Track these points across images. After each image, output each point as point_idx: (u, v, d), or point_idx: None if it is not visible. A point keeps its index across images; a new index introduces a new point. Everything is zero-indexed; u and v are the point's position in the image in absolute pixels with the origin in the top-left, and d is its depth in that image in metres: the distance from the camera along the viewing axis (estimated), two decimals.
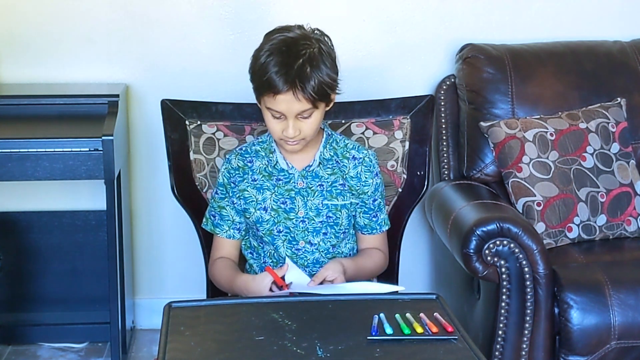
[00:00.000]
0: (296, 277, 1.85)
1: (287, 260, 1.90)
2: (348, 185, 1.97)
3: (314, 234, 1.95)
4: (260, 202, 1.94)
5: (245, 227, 2.00)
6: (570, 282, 2.24)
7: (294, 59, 1.83)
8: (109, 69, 2.86)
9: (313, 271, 1.95)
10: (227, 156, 2.03)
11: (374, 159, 2.03)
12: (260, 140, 2.02)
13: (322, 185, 1.95)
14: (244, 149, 2.02)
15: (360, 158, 2.00)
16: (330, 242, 1.96)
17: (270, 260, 1.96)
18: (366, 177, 1.99)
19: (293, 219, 1.94)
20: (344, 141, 2.03)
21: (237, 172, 1.98)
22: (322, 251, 1.96)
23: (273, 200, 1.94)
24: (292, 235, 1.94)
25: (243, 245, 2.03)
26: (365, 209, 1.99)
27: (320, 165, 1.96)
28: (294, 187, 1.94)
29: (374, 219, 2.00)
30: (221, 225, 1.98)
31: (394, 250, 2.14)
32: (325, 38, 1.91)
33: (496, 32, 2.89)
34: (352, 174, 1.98)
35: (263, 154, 1.98)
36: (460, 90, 2.75)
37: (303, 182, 1.95)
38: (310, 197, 1.94)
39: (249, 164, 1.98)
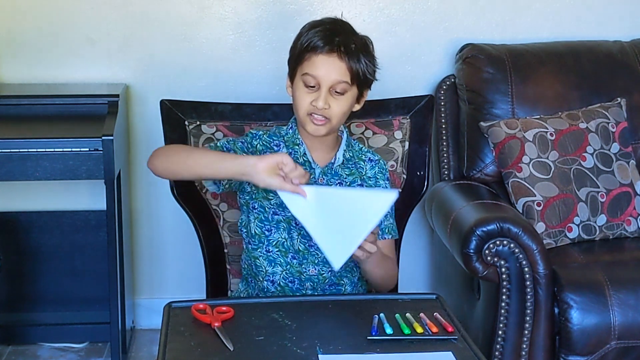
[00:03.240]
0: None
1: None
2: (366, 186, 1.97)
3: None
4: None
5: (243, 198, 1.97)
6: (570, 282, 2.24)
7: (340, 30, 1.87)
8: (109, 69, 2.87)
9: (322, 271, 1.94)
10: (253, 131, 1.99)
11: (386, 164, 2.04)
12: (285, 133, 1.98)
13: (342, 183, 1.95)
14: (269, 132, 1.99)
15: (376, 160, 2.01)
16: None
17: (277, 250, 1.95)
18: (379, 179, 1.99)
19: None
20: (358, 145, 2.04)
21: (268, 148, 1.95)
22: None
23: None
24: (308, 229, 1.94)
25: (244, 233, 2.01)
26: None
27: (342, 165, 1.96)
28: (315, 183, 1.94)
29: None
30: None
31: None
32: (370, 40, 1.94)
33: (496, 32, 2.90)
34: (370, 175, 1.98)
35: (287, 145, 1.96)
36: (460, 90, 2.75)
37: (324, 178, 1.94)
38: None
39: (276, 148, 1.96)
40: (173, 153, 1.90)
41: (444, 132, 2.76)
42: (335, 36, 1.85)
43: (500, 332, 2.28)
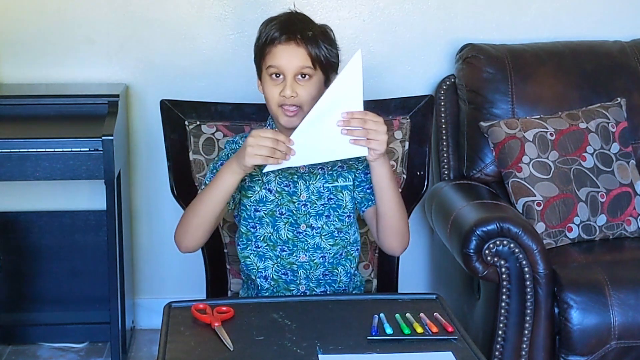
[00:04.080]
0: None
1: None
2: (347, 166, 1.97)
3: (317, 217, 1.94)
4: (265, 183, 1.94)
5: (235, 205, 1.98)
6: (570, 282, 2.25)
7: (295, 20, 1.92)
8: (108, 69, 2.87)
9: (313, 257, 1.95)
10: (230, 139, 2.03)
11: None
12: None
13: (324, 168, 1.95)
14: (244, 135, 2.03)
15: None
16: (334, 225, 1.95)
17: (265, 244, 1.96)
18: (361, 160, 1.97)
19: (295, 202, 1.94)
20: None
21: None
22: (324, 235, 1.95)
23: (277, 183, 1.94)
24: (295, 218, 1.94)
25: (236, 238, 2.01)
26: (358, 182, 1.98)
27: None
28: (296, 172, 1.94)
29: (368, 190, 1.98)
30: None
31: None
32: (330, 29, 1.97)
33: (496, 32, 2.89)
34: (352, 159, 1.97)
35: None
36: (460, 90, 2.75)
37: (305, 166, 1.95)
38: (312, 181, 1.94)
39: None
40: (184, 220, 1.92)
41: (444, 132, 2.76)
42: (291, 26, 1.89)
43: (500, 332, 2.28)
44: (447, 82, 2.80)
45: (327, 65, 1.91)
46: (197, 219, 1.89)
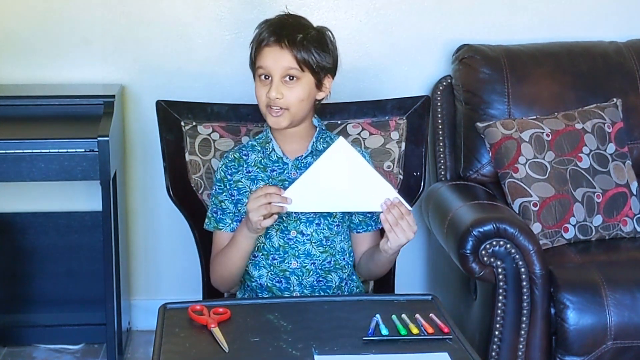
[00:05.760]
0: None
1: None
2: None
3: (307, 224, 1.94)
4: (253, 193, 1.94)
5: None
6: (566, 282, 2.25)
7: (286, 23, 1.94)
8: (104, 69, 2.86)
9: (304, 263, 1.95)
10: (225, 154, 2.05)
11: (368, 156, 2.03)
12: (257, 138, 2.03)
13: None
14: (239, 148, 2.05)
15: None
16: (323, 233, 1.95)
17: (260, 253, 1.96)
18: None
19: None
20: (338, 138, 2.03)
21: (233, 163, 1.99)
22: (314, 242, 1.95)
23: None
24: (285, 224, 1.94)
25: None
26: None
27: (313, 156, 1.96)
28: (287, 177, 1.95)
29: (368, 214, 1.99)
30: (224, 219, 1.98)
31: None
32: (329, 32, 1.98)
33: (492, 33, 2.89)
34: None
35: (259, 148, 1.99)
36: (457, 91, 2.75)
37: (296, 172, 1.95)
38: None
39: (245, 157, 2.00)
40: (216, 274, 2.01)
41: (440, 132, 2.76)
42: (281, 29, 1.91)
43: (496, 333, 2.28)
44: (444, 83, 2.80)
45: (317, 68, 1.91)
46: (228, 274, 1.97)
